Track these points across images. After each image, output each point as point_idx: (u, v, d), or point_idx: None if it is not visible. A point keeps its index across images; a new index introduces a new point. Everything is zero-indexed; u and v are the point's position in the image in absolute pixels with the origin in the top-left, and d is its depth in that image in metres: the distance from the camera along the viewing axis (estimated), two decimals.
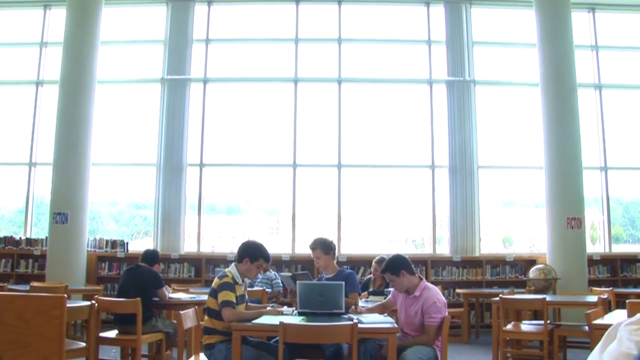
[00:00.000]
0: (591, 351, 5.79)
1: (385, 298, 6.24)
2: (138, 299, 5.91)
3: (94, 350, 5.44)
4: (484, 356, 7.80)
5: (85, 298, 8.04)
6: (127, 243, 11.08)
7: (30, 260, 11.02)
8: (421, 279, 5.02)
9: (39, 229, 11.65)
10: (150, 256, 6.81)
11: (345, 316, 4.85)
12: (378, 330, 4.48)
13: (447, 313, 4.81)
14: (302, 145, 11.59)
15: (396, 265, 4.96)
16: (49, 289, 8.07)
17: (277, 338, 4.24)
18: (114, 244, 11.05)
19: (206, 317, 4.79)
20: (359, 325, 4.25)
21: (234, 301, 4.68)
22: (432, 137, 11.60)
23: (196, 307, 5.18)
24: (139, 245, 11.53)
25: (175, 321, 6.19)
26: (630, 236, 12.04)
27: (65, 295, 3.95)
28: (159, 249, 10.86)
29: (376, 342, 4.79)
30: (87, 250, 10.68)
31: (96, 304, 5.52)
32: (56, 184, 10.42)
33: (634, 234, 12.31)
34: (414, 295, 4.94)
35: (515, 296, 7.48)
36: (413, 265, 5.08)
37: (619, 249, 11.68)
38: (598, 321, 4.62)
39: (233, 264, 4.96)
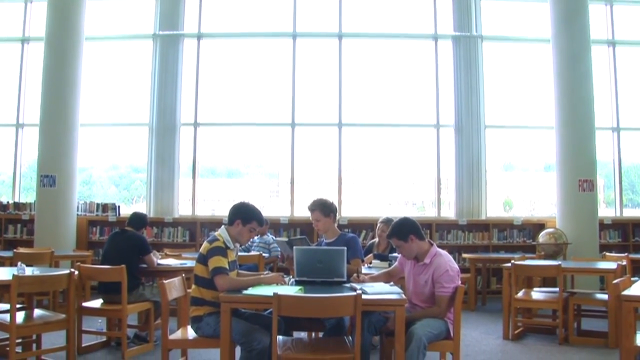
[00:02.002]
0: (609, 321, 5.33)
1: (389, 264, 5.81)
2: (123, 266, 5.52)
3: (74, 322, 5.01)
4: (494, 324, 7.41)
5: (73, 264, 7.62)
6: (118, 206, 10.70)
7: (19, 225, 10.64)
8: (431, 245, 4.55)
9: None
10: (137, 220, 6.38)
11: (347, 285, 4.43)
12: (384, 301, 4.02)
13: (460, 282, 4.35)
14: (301, 103, 11.14)
15: (404, 230, 4.48)
16: (34, 255, 7.73)
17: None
18: (105, 207, 10.64)
19: (194, 286, 4.34)
20: (363, 296, 3.81)
21: (227, 267, 4.24)
22: (437, 95, 11.15)
23: (183, 275, 4.73)
24: (134, 209, 11.09)
25: None
26: (630, 201, 11.62)
27: None
28: (152, 213, 10.59)
29: (381, 315, 4.35)
30: (77, 215, 10.32)
31: (76, 272, 5.09)
32: (43, 145, 10.00)
33: (634, 199, 11.91)
34: (423, 262, 4.47)
35: (527, 262, 7.05)
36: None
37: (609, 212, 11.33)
38: (626, 292, 4.19)
39: (223, 226, 4.50)
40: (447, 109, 11.07)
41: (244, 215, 4.45)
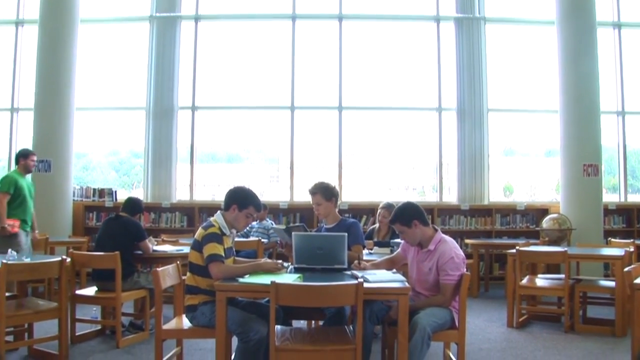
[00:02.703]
0: (616, 309, 5.15)
1: (391, 250, 5.65)
2: (117, 252, 5.37)
3: (66, 311, 4.86)
4: (497, 312, 7.27)
5: (69, 251, 7.48)
6: (115, 192, 10.54)
7: None
8: (436, 230, 4.38)
9: None
10: (132, 205, 6.20)
11: (348, 273, 4.25)
12: (387, 290, 3.84)
13: (465, 269, 4.18)
14: (301, 86, 10.96)
15: (407, 215, 4.30)
16: None
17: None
18: (101, 192, 10.50)
19: (188, 274, 4.17)
20: (365, 285, 3.63)
21: (223, 255, 4.05)
22: (439, 78, 10.98)
23: (178, 262, 4.55)
24: (133, 194, 10.96)
25: None
26: (630, 186, 11.45)
27: None
28: (149, 198, 10.45)
29: (384, 303, 4.19)
30: (74, 200, 10.17)
31: (67, 259, 4.93)
32: (38, 129, 9.85)
33: (634, 184, 11.75)
34: (427, 249, 4.31)
35: (532, 248, 6.89)
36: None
37: (613, 198, 11.20)
38: (639, 280, 4.04)
39: (219, 212, 4.30)
40: (449, 92, 10.89)
41: (241, 200, 4.26)
